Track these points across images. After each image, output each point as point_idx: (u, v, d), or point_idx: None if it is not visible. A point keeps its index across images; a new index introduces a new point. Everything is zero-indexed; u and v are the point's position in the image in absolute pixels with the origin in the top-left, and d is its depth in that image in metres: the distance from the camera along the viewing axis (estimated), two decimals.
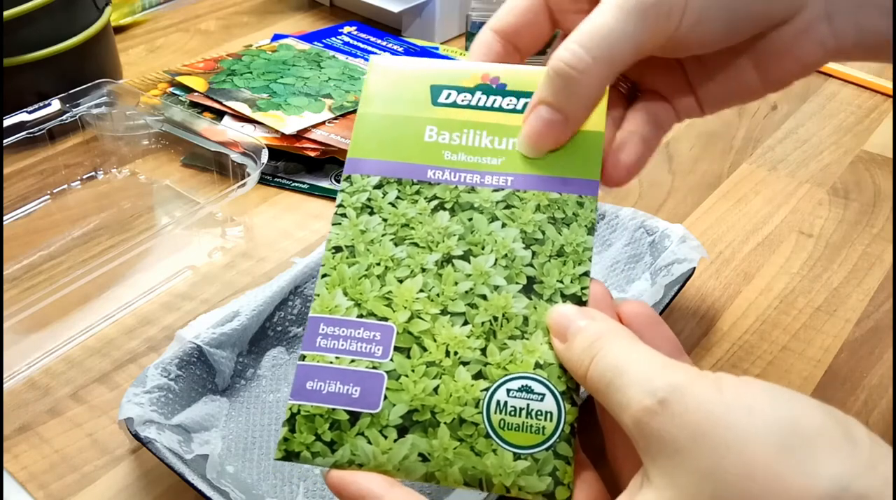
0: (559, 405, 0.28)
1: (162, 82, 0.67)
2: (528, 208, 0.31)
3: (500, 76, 0.32)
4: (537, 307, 0.29)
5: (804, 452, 0.22)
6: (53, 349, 0.44)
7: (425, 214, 0.31)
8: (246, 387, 0.42)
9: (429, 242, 0.30)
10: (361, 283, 0.29)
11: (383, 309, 0.29)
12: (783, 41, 0.31)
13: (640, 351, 0.26)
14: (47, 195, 0.56)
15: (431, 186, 0.31)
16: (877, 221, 0.56)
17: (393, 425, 0.28)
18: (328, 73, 0.67)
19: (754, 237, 0.54)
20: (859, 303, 0.49)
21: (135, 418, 0.36)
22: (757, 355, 0.45)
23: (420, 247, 0.30)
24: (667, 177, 0.60)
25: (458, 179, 0.31)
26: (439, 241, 0.30)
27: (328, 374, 0.28)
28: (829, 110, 0.69)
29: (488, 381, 0.28)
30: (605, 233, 0.50)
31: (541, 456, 0.27)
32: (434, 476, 0.27)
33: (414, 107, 0.32)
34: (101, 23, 0.63)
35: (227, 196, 0.48)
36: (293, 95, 0.63)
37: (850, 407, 0.42)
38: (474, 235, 0.30)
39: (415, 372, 0.28)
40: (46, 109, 0.55)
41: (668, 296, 0.43)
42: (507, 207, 0.31)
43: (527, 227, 0.30)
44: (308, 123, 0.59)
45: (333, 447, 0.27)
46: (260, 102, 0.62)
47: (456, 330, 0.29)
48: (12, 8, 0.56)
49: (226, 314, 0.42)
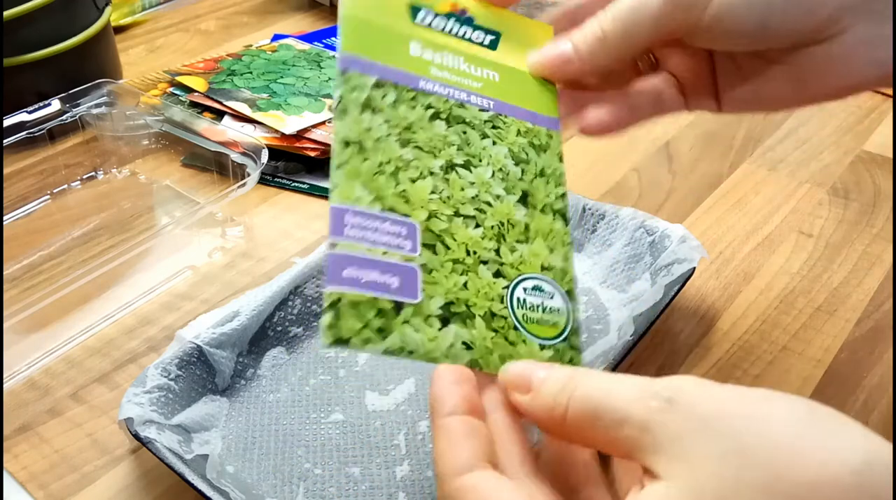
0: (566, 303, 0.31)
1: (162, 82, 0.67)
2: (511, 131, 0.33)
3: (467, 9, 0.35)
4: (534, 217, 0.32)
5: (825, 428, 0.22)
6: (53, 349, 0.44)
7: (423, 120, 0.32)
8: (246, 387, 0.42)
9: (432, 148, 0.31)
10: (377, 179, 0.30)
11: (404, 206, 0.30)
12: (821, 60, 0.31)
13: (621, 377, 0.25)
14: (47, 195, 0.56)
15: (426, 96, 0.32)
16: (877, 221, 0.56)
17: (435, 315, 0.28)
18: (328, 73, 0.67)
19: (754, 237, 0.54)
20: (859, 303, 0.49)
21: (135, 418, 0.36)
22: (757, 355, 0.45)
23: (424, 151, 0.31)
24: (667, 177, 0.60)
25: (448, 94, 0.33)
26: (441, 148, 0.31)
27: (365, 264, 0.28)
28: (829, 110, 0.69)
29: (506, 280, 0.30)
30: (605, 233, 0.50)
31: (560, 347, 0.30)
32: (478, 363, 0.28)
33: (396, 20, 0.33)
34: (101, 23, 0.63)
35: (226, 196, 0.48)
36: (293, 95, 0.63)
37: (850, 407, 0.42)
38: (470, 148, 0.32)
39: (444, 267, 0.29)
40: (46, 109, 0.55)
41: (668, 296, 0.43)
42: (493, 126, 0.33)
43: (513, 147, 0.33)
44: (308, 122, 0.59)
45: (383, 333, 0.27)
46: (260, 101, 0.62)
47: (471, 232, 0.30)
48: (12, 8, 0.56)
49: (226, 314, 0.42)
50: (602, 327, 0.45)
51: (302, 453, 0.39)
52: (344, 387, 0.42)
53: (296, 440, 0.39)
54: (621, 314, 0.46)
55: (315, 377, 0.43)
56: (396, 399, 0.41)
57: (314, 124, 0.60)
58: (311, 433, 0.40)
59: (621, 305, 0.47)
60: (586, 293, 0.48)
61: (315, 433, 0.40)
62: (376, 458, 0.38)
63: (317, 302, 0.46)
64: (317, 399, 0.41)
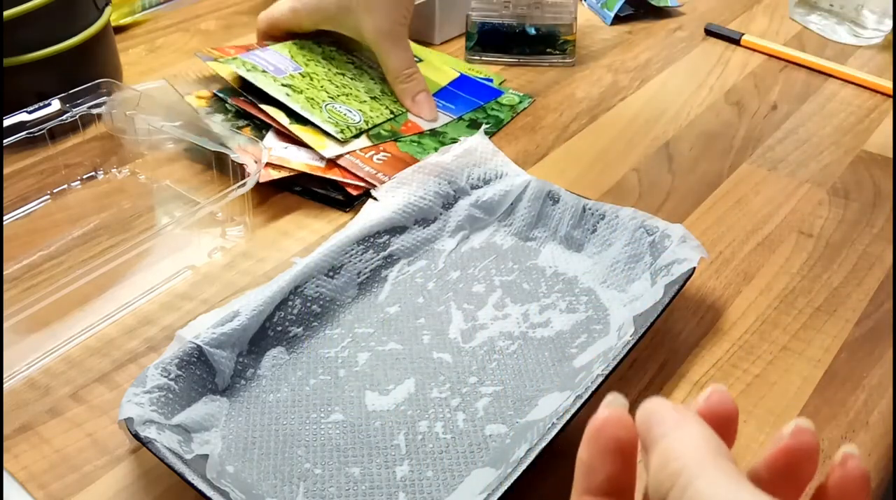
0: (360, 120, 0.62)
1: (205, 90, 0.66)
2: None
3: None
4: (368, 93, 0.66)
5: None
6: (53, 349, 0.44)
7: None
8: (246, 387, 0.42)
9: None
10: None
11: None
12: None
13: (739, 495, 0.21)
14: (47, 195, 0.56)
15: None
16: (877, 221, 0.56)
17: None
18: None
19: (754, 237, 0.54)
20: (859, 303, 0.49)
21: (135, 418, 0.36)
22: (757, 355, 0.45)
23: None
24: (667, 177, 0.60)
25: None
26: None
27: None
28: (829, 110, 0.69)
29: (333, 100, 0.64)
30: (605, 233, 0.50)
31: (344, 128, 0.61)
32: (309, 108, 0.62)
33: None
34: (101, 23, 0.63)
35: (226, 196, 0.48)
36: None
37: (850, 407, 0.42)
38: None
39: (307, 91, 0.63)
40: (46, 108, 0.55)
41: (668, 296, 0.43)
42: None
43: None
44: (346, 149, 0.58)
45: (250, 72, 0.63)
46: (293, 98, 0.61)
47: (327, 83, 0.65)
48: (12, 8, 0.56)
49: (226, 314, 0.42)
50: (602, 327, 0.45)
51: (302, 453, 0.39)
52: (344, 387, 0.42)
53: (296, 440, 0.39)
54: (621, 314, 0.46)
55: (315, 377, 0.43)
56: (396, 399, 0.41)
57: (351, 151, 0.58)
58: (311, 433, 0.40)
59: (621, 305, 0.47)
60: (586, 293, 0.48)
61: (315, 433, 0.40)
62: (376, 458, 0.38)
63: (317, 302, 0.46)
64: (317, 399, 0.41)
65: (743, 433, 0.40)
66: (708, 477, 0.21)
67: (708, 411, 0.25)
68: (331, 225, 0.54)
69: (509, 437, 0.39)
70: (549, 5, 0.73)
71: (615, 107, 0.69)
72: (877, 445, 0.40)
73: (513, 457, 0.37)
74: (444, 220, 0.52)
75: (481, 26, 0.74)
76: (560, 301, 0.47)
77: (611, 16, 0.83)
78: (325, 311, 0.46)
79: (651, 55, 0.77)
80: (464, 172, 0.54)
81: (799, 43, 0.80)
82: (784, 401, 0.42)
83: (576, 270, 0.50)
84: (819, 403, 0.42)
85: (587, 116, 0.67)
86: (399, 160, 0.59)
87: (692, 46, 0.80)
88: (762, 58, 0.77)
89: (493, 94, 0.69)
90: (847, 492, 0.23)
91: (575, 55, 0.75)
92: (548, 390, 0.42)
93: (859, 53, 0.78)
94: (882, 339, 0.46)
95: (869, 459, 0.39)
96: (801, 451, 0.24)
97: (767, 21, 0.85)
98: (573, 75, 0.73)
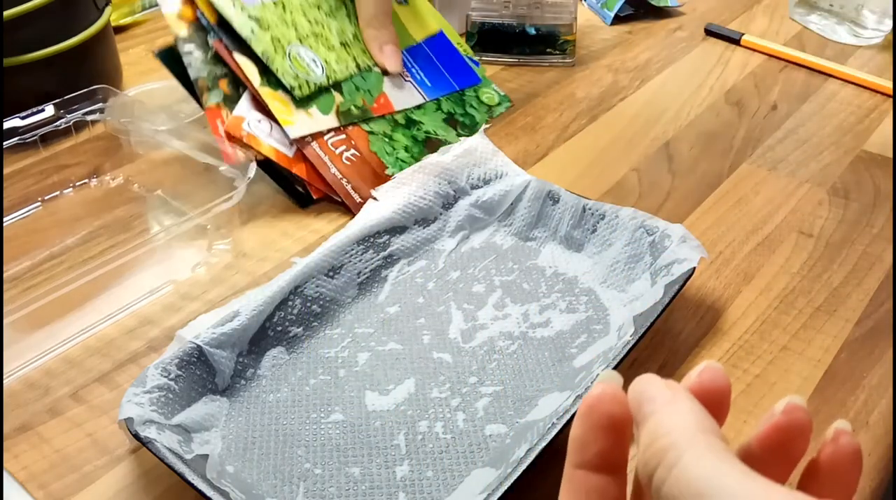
0: (323, 74, 0.60)
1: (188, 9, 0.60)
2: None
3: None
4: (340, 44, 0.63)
5: None
6: (53, 349, 0.44)
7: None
8: (246, 387, 0.42)
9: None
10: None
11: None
12: None
13: (726, 472, 0.20)
14: (38, 202, 0.55)
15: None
16: (877, 221, 0.56)
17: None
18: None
19: (754, 237, 0.54)
20: (859, 303, 0.49)
21: (135, 418, 0.36)
22: (757, 355, 0.45)
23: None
24: (667, 177, 0.60)
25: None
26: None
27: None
28: (829, 110, 0.69)
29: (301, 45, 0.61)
30: (605, 233, 0.50)
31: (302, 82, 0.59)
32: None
33: None
34: (100, 23, 0.63)
35: (210, 211, 0.48)
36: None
37: (850, 407, 0.42)
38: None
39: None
40: (39, 114, 0.55)
41: (668, 296, 0.43)
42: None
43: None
44: (314, 127, 0.56)
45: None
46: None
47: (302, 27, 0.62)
48: (12, 8, 0.56)
49: (226, 314, 0.42)
50: (602, 327, 0.45)
51: (302, 453, 0.39)
52: (344, 387, 0.42)
53: (296, 440, 0.39)
54: (621, 314, 0.46)
55: (315, 377, 0.43)
56: (396, 399, 0.41)
57: (319, 131, 0.57)
58: (311, 433, 0.40)
59: (621, 305, 0.47)
60: (586, 293, 0.48)
61: (315, 433, 0.40)
62: (376, 458, 0.38)
63: (317, 302, 0.46)
64: (317, 399, 0.41)
65: (743, 433, 0.40)
66: (696, 454, 0.21)
67: (700, 388, 0.24)
68: (331, 225, 0.54)
69: (509, 437, 0.39)
70: (549, 5, 0.73)
71: (615, 107, 0.69)
72: (877, 445, 0.40)
73: (513, 457, 0.37)
74: (444, 220, 0.52)
75: (481, 26, 0.74)
76: (560, 301, 0.47)
77: (611, 16, 0.83)
78: (325, 311, 0.46)
79: (651, 55, 0.77)
80: (464, 172, 0.54)
81: (799, 43, 0.80)
82: None
83: (576, 270, 0.50)
84: (819, 403, 0.42)
85: (587, 116, 0.67)
86: (366, 165, 0.57)
87: (692, 46, 0.80)
88: (762, 58, 0.77)
89: (471, 78, 0.67)
90: (839, 468, 0.24)
91: (575, 55, 0.75)
92: (548, 390, 0.42)
93: (859, 53, 0.78)
94: (882, 339, 0.46)
95: (869, 459, 0.39)
96: (793, 428, 0.24)
97: (767, 21, 0.85)
98: (573, 75, 0.73)
